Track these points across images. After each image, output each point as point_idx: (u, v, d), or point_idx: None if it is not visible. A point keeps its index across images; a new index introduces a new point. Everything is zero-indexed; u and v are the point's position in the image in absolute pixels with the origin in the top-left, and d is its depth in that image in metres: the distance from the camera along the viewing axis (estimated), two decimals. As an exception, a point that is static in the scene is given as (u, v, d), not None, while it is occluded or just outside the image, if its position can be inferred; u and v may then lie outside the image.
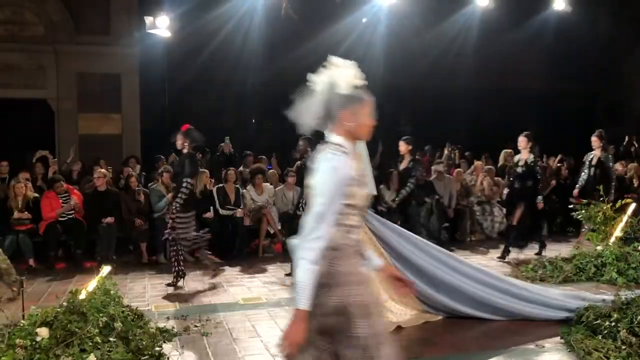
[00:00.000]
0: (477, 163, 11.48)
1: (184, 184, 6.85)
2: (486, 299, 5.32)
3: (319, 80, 2.42)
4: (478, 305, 5.33)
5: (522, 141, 8.35)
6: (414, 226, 8.95)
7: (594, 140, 9.02)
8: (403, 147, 8.31)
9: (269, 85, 14.14)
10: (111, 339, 3.99)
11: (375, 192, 5.94)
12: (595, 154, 9.04)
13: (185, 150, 6.95)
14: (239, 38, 13.44)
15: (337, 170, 2.27)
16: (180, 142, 6.91)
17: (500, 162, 11.59)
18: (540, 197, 8.38)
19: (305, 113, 2.42)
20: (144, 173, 10.50)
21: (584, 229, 8.70)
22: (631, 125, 14.85)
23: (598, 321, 4.66)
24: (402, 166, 8.73)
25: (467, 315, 5.36)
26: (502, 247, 8.70)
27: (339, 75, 2.39)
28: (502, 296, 5.35)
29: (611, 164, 9.11)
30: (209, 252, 7.33)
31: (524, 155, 8.36)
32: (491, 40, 14.65)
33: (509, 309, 5.32)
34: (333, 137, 2.39)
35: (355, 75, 2.41)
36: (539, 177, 8.39)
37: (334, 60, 2.44)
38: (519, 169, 8.44)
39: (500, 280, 5.53)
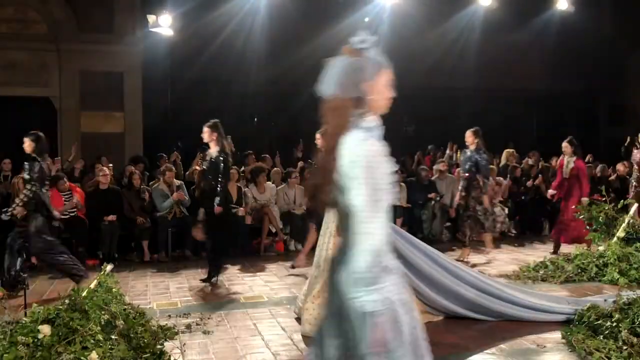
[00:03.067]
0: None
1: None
2: (483, 304, 5.36)
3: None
4: (475, 308, 5.37)
5: (206, 131, 7.03)
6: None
7: (318, 137, 7.94)
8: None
9: (271, 84, 14.17)
10: (113, 337, 4.00)
11: None
12: None
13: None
14: (242, 37, 13.46)
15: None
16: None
17: (502, 161, 11.59)
18: (218, 200, 6.85)
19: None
20: (146, 172, 10.52)
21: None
22: (633, 126, 14.82)
23: (599, 321, 4.67)
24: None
25: (466, 316, 5.38)
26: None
27: None
28: (498, 301, 5.39)
29: None
30: None
31: (213, 148, 7.11)
32: (493, 40, 14.65)
33: (506, 312, 5.35)
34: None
35: None
36: (220, 176, 6.91)
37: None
38: (204, 165, 7.35)
39: (496, 286, 5.56)
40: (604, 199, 7.92)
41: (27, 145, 6.61)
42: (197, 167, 9.80)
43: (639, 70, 15.85)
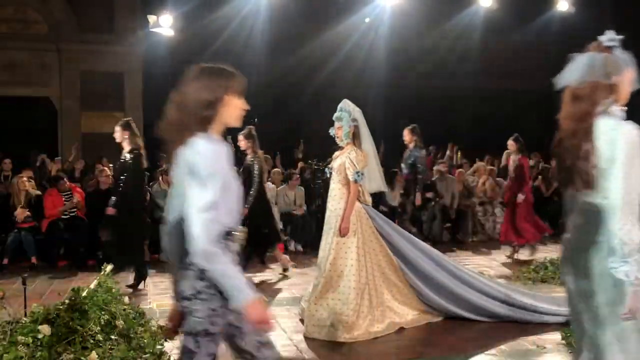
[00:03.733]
0: (479, 164, 11.49)
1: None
2: (483, 305, 5.36)
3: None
4: (475, 310, 5.37)
5: (117, 130, 6.72)
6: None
7: (240, 139, 7.53)
8: None
9: (272, 84, 14.17)
10: (113, 337, 4.00)
11: (385, 189, 5.93)
12: None
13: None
14: (242, 37, 13.47)
15: None
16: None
17: (503, 162, 11.58)
18: (113, 200, 6.56)
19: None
20: (147, 173, 10.50)
21: None
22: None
23: (599, 322, 4.65)
24: None
25: (466, 317, 5.38)
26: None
27: None
28: (499, 303, 5.39)
29: (257, 169, 7.43)
30: None
31: (125, 147, 6.77)
32: (494, 41, 14.65)
33: (506, 314, 5.35)
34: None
35: None
36: (132, 176, 6.63)
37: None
38: (117, 164, 6.96)
39: (496, 287, 5.56)
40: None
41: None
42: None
43: (638, 71, 15.87)
